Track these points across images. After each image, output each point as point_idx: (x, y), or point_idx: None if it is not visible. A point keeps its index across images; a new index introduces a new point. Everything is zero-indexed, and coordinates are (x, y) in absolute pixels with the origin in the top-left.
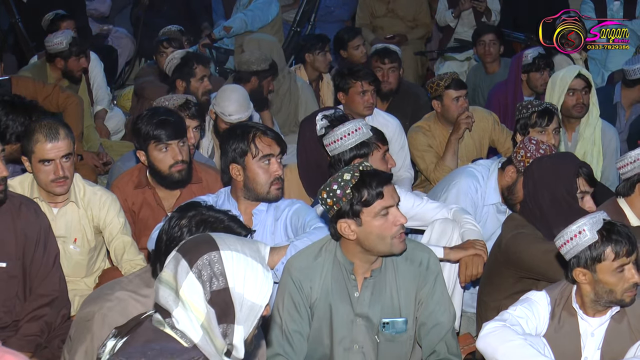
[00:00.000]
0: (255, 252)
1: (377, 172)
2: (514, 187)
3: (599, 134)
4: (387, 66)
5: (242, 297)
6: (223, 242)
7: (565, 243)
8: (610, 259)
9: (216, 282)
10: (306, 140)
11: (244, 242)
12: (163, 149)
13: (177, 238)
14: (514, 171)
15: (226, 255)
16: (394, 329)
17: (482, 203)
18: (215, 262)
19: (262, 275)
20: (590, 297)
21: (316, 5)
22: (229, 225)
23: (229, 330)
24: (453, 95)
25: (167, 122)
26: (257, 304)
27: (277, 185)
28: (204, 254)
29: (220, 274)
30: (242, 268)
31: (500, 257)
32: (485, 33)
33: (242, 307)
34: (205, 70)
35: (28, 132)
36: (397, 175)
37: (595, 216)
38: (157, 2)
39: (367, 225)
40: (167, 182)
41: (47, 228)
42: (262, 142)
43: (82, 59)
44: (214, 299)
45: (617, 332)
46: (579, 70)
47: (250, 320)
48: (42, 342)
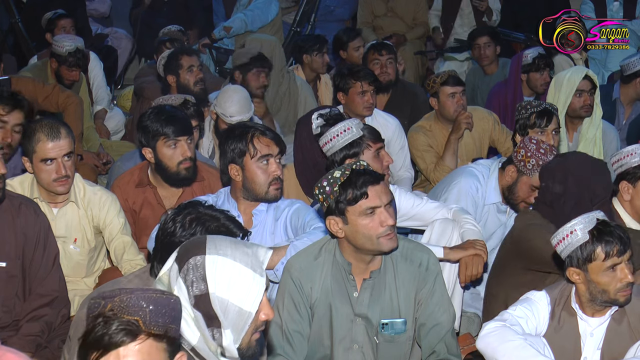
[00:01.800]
0: (248, 256)
1: (367, 171)
2: (515, 187)
3: (600, 134)
4: (385, 57)
5: (227, 302)
6: (213, 246)
7: (559, 242)
8: (600, 259)
9: (197, 286)
10: (302, 139)
11: (237, 247)
12: (172, 145)
13: (170, 233)
14: (514, 171)
15: (210, 259)
16: (393, 329)
17: (482, 202)
18: (198, 266)
19: (250, 281)
20: (586, 297)
21: (316, 5)
22: (224, 224)
23: (216, 334)
24: (448, 91)
25: (175, 118)
26: (245, 310)
27: (275, 186)
28: (191, 258)
29: (201, 278)
30: (226, 273)
31: (512, 248)
32: (479, 36)
33: (227, 312)
34: (192, 60)
35: (29, 132)
36: (397, 175)
37: (589, 216)
38: (157, 3)
39: (353, 224)
40: (174, 179)
41: (47, 228)
42: (261, 142)
43: (73, 72)
44: (197, 303)
45: (617, 331)
46: (587, 71)
47: (239, 325)
48: (42, 342)
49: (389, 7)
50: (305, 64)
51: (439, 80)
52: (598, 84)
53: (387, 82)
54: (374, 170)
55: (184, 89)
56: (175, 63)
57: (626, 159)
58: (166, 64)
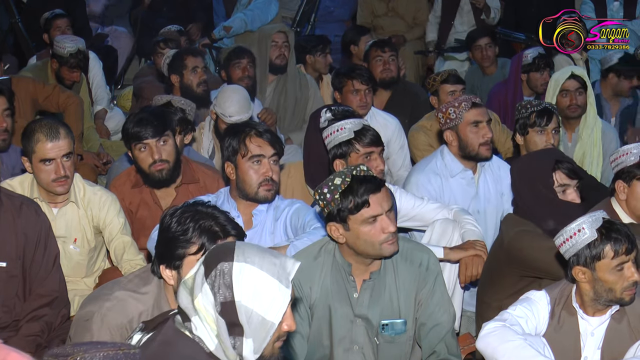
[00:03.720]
0: (275, 266)
1: (367, 178)
2: (462, 141)
3: (599, 135)
4: (387, 54)
5: (251, 311)
6: (241, 253)
7: (565, 241)
8: (609, 257)
9: (224, 293)
10: (310, 131)
11: (265, 256)
12: (142, 148)
13: (166, 229)
14: (449, 134)
15: (237, 267)
16: (393, 330)
17: (449, 174)
18: (226, 273)
19: (276, 291)
20: (589, 296)
21: (316, 5)
22: (220, 224)
23: (237, 342)
24: (448, 89)
25: (144, 121)
26: (268, 320)
27: (266, 187)
28: (218, 264)
29: (228, 285)
30: (252, 282)
31: (502, 255)
32: (480, 37)
33: (251, 321)
34: (197, 61)
35: (28, 132)
36: (397, 175)
37: (595, 215)
38: (157, 3)
39: (355, 231)
40: (151, 181)
41: (47, 228)
42: (253, 142)
43: (74, 73)
44: (223, 311)
45: (617, 331)
46: (572, 70)
47: (261, 335)
48: (43, 342)
49: (390, 7)
50: (308, 64)
51: (439, 78)
52: (589, 83)
53: (389, 78)
54: (375, 176)
55: (187, 89)
56: (180, 63)
57: (622, 157)
58: (170, 64)
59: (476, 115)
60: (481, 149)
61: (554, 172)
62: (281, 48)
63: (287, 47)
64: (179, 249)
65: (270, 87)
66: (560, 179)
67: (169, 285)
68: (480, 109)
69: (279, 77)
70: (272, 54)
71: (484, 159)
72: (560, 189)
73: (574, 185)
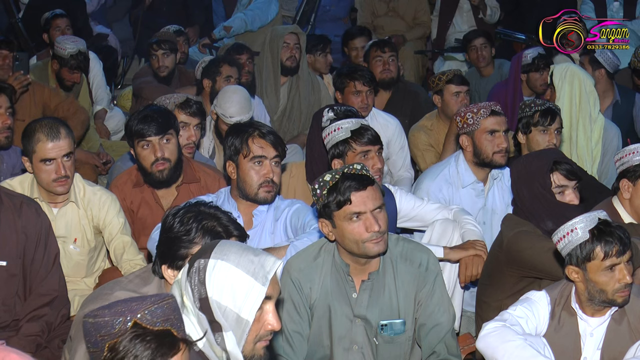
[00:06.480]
0: (252, 264)
1: (355, 176)
2: (477, 149)
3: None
4: (387, 54)
5: (225, 307)
6: (219, 251)
7: (560, 240)
8: (599, 259)
9: (199, 290)
10: (313, 129)
11: (244, 254)
12: (145, 146)
13: (168, 229)
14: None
15: (212, 263)
16: (392, 330)
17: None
18: (201, 270)
19: (249, 289)
20: (585, 296)
21: (316, 5)
22: (223, 224)
23: (218, 338)
24: (453, 90)
25: (148, 118)
26: (242, 318)
27: (266, 188)
28: (196, 261)
29: (202, 282)
30: (224, 278)
31: (502, 256)
32: (475, 37)
33: (227, 317)
34: (232, 71)
35: (28, 131)
36: (397, 175)
37: (591, 215)
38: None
39: (340, 228)
40: (152, 181)
41: (47, 228)
42: (255, 143)
43: (75, 74)
44: (202, 307)
45: (617, 332)
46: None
47: (237, 332)
48: (42, 342)
49: (390, 7)
50: (308, 64)
51: (444, 78)
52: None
53: (389, 79)
54: (365, 175)
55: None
56: (215, 69)
57: (628, 157)
58: (206, 67)
59: (493, 124)
60: (495, 157)
61: (551, 173)
62: (292, 50)
63: (299, 48)
64: (181, 249)
65: (283, 88)
66: (558, 180)
67: (170, 285)
68: (499, 118)
69: (291, 78)
70: (282, 55)
71: (498, 166)
72: (558, 190)
73: (573, 186)
